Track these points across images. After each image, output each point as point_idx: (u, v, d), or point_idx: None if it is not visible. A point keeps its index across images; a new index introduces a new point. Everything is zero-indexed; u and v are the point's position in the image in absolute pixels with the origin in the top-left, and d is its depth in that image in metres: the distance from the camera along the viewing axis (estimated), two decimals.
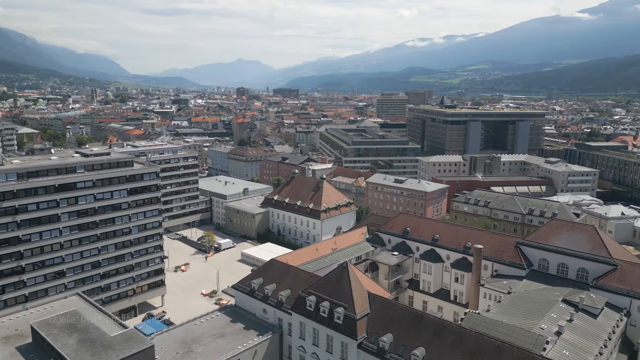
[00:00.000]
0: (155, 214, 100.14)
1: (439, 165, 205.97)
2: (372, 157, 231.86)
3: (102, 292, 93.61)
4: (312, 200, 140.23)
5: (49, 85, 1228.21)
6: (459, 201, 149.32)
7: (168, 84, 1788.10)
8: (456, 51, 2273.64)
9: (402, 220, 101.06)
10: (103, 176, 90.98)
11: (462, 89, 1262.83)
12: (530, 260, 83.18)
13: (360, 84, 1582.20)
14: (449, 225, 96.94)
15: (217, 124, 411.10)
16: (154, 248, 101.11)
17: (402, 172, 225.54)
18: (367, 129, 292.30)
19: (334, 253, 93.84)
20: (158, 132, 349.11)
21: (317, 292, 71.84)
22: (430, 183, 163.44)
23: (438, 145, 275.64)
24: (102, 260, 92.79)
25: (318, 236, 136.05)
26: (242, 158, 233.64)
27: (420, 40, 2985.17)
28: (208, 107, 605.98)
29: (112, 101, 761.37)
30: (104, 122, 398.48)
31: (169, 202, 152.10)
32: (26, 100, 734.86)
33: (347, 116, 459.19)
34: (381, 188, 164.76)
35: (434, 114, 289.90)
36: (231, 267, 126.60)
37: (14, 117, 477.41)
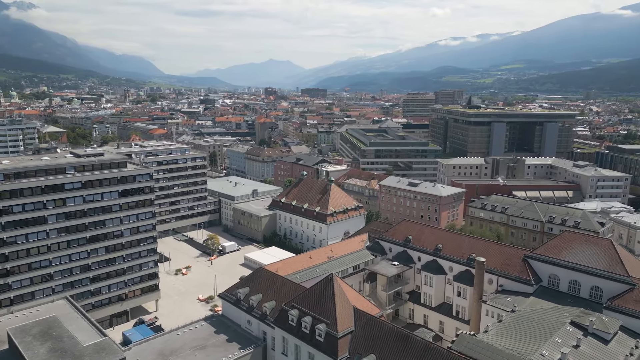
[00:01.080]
0: (149, 217, 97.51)
1: (459, 167, 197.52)
2: (391, 159, 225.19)
3: (92, 296, 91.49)
4: (319, 203, 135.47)
5: (87, 85, 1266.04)
6: (474, 206, 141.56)
7: (201, 84, 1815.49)
8: (490, 50, 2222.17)
9: (404, 228, 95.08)
10: (92, 177, 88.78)
11: (495, 89, 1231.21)
12: (539, 275, 76.01)
13: (391, 83, 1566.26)
14: (453, 235, 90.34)
15: (241, 123, 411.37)
16: (147, 251, 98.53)
17: (421, 175, 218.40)
18: (388, 129, 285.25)
19: (329, 262, 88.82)
20: (181, 131, 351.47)
21: (299, 305, 67.19)
22: (445, 187, 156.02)
23: (460, 147, 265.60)
24: (91, 263, 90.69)
25: (324, 241, 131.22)
26: (258, 158, 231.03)
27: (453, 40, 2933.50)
28: (235, 106, 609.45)
29: (144, 101, 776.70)
30: (130, 121, 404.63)
31: (177, 203, 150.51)
32: (62, 99, 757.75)
33: (371, 116, 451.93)
34: (394, 191, 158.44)
35: (456, 115, 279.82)
36: (233, 271, 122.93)
37: (46, 116, 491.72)
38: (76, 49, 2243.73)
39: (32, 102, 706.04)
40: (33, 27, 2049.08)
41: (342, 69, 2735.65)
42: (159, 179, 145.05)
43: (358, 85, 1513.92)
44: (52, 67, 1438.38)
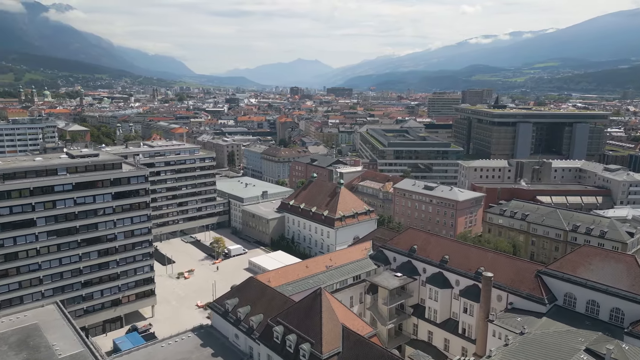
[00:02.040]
0: (144, 220, 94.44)
1: (481, 170, 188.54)
2: (411, 160, 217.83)
3: (83, 301, 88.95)
4: (328, 206, 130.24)
5: (119, 85, 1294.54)
6: (493, 212, 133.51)
7: (230, 83, 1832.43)
8: (523, 48, 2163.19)
9: (409, 236, 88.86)
10: (83, 179, 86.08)
11: (527, 88, 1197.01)
12: (553, 293, 68.78)
13: (419, 82, 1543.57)
14: (461, 246, 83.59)
15: (263, 123, 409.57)
16: (143, 256, 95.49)
17: (442, 177, 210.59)
18: (409, 129, 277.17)
19: (326, 272, 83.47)
20: (202, 130, 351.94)
21: (285, 321, 62.33)
22: (463, 191, 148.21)
23: (484, 149, 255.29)
24: (83, 267, 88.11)
25: (332, 246, 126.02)
26: (275, 159, 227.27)
27: (484, 38, 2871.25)
28: (259, 106, 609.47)
29: (171, 100, 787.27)
30: (153, 120, 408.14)
31: (184, 204, 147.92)
32: (93, 99, 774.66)
33: (396, 116, 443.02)
34: (409, 195, 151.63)
35: (480, 114, 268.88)
36: (236, 276, 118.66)
37: (76, 114, 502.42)
38: (111, 49, 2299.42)
39: (64, 101, 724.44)
40: (70, 29, 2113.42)
41: (370, 68, 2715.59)
42: (167, 180, 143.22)
43: (386, 85, 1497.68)
44: (88, 67, 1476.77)
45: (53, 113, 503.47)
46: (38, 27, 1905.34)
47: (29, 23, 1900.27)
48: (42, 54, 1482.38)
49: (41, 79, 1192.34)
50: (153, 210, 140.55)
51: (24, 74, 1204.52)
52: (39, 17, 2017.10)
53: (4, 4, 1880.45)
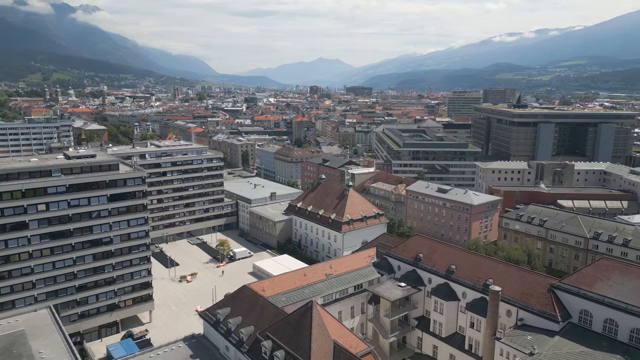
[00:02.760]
0: (141, 223, 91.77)
1: (499, 172, 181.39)
2: (427, 161, 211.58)
3: (78, 306, 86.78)
4: (335, 209, 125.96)
5: (143, 84, 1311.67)
6: (509, 217, 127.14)
7: (251, 83, 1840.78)
8: (549, 46, 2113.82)
9: (415, 244, 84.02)
10: (77, 181, 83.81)
11: (552, 87, 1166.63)
12: (567, 310, 63.31)
13: (441, 81, 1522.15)
14: (469, 255, 78.35)
15: (279, 122, 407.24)
16: (140, 260, 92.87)
17: (458, 179, 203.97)
18: (427, 129, 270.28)
19: (325, 280, 79.32)
20: (217, 130, 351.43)
21: (274, 336, 58.48)
22: (478, 194, 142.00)
23: (503, 150, 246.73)
24: (77, 271, 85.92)
25: (339, 250, 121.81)
26: (287, 159, 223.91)
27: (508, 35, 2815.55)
28: (277, 105, 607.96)
29: (191, 99, 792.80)
30: (171, 119, 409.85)
31: (191, 205, 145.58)
32: (116, 98, 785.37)
33: (414, 115, 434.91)
34: (422, 198, 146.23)
35: (499, 114, 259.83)
36: (240, 281, 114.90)
37: (97, 113, 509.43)
38: (136, 49, 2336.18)
39: (88, 100, 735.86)
40: (97, 30, 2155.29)
41: (392, 66, 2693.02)
42: (173, 180, 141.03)
43: (406, 83, 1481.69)
44: (113, 67, 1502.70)
45: (75, 112, 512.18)
46: (66, 28, 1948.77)
47: (57, 24, 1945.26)
48: (69, 54, 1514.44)
49: (68, 78, 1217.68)
50: (159, 211, 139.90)
51: (51, 74, 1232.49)
52: (66, 18, 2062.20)
53: (34, 6, 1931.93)
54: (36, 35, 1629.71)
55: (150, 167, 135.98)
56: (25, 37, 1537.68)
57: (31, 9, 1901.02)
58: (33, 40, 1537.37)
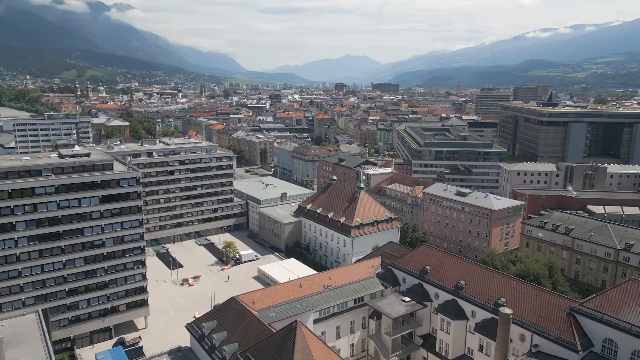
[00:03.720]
0: (136, 225, 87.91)
1: (525, 174, 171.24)
2: (449, 162, 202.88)
3: (68, 311, 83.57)
4: (345, 213, 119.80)
5: (173, 81, 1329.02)
6: (532, 224, 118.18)
7: (279, 80, 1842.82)
8: (585, 42, 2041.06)
9: (422, 255, 77.22)
10: (68, 181, 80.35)
11: (588, 84, 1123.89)
12: (589, 337, 55.68)
13: (471, 78, 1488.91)
14: (481, 270, 71.02)
15: (301, 120, 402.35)
16: (134, 263, 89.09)
17: (482, 180, 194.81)
18: (451, 128, 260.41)
19: (323, 292, 73.48)
20: (238, 127, 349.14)
21: (254, 358, 53.08)
22: (499, 198, 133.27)
23: (531, 150, 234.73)
24: (67, 275, 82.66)
25: (348, 256, 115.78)
26: (304, 157, 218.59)
27: (542, 31, 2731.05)
28: (301, 102, 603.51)
29: (217, 96, 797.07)
30: (193, 116, 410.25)
31: (200, 205, 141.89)
32: (144, 94, 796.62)
33: (440, 113, 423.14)
34: (439, 201, 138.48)
35: (527, 113, 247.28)
36: (243, 285, 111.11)
37: (124, 109, 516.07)
38: (167, 47, 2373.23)
39: (117, 96, 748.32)
40: (130, 27, 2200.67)
41: (420, 63, 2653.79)
42: (181, 179, 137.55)
43: (435, 80, 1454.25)
44: (145, 64, 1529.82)
45: (102, 108, 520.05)
46: (100, 26, 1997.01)
47: (92, 22, 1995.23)
48: (103, 51, 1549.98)
49: (101, 75, 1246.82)
50: (167, 211, 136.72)
51: (86, 71, 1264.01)
52: (101, 17, 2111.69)
53: (70, 4, 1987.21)
54: (72, 33, 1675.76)
55: (157, 166, 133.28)
56: (62, 35, 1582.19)
57: (68, 8, 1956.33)
58: (69, 38, 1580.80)
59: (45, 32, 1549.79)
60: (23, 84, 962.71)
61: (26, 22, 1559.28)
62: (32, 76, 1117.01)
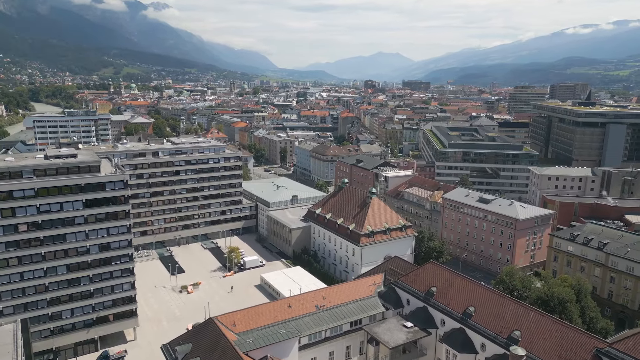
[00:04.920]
0: (123, 231, 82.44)
1: (556, 179, 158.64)
2: (475, 164, 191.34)
3: (50, 321, 78.86)
4: (355, 219, 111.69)
5: (205, 79, 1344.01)
6: (561, 237, 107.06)
7: (309, 77, 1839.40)
8: (629, 38, 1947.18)
9: (428, 274, 68.62)
10: (49, 184, 75.40)
11: (630, 82, 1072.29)
12: None
13: (506, 76, 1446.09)
14: (493, 296, 61.89)
15: (326, 118, 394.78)
16: (121, 272, 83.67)
17: (509, 185, 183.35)
18: (479, 127, 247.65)
19: (315, 313, 65.89)
20: (261, 125, 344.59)
21: None
22: (526, 206, 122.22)
23: (565, 153, 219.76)
24: (49, 283, 77.86)
25: (357, 266, 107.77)
26: (322, 157, 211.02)
27: (582, 27, 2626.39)
28: (328, 100, 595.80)
29: (246, 93, 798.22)
30: (218, 113, 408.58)
31: (207, 207, 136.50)
32: (175, 91, 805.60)
33: (471, 111, 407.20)
34: (460, 207, 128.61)
35: (561, 112, 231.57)
36: (244, 295, 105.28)
37: (152, 107, 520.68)
38: (201, 45, 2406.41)
39: (148, 93, 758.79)
40: (166, 26, 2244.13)
41: (454, 60, 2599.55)
42: (187, 180, 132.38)
43: (468, 78, 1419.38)
44: (179, 61, 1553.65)
45: (131, 105, 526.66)
46: (137, 25, 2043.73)
47: (130, 21, 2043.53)
48: (139, 49, 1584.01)
49: (137, 72, 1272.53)
50: (172, 212, 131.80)
51: (122, 68, 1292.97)
52: (138, 15, 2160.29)
53: (110, 3, 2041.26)
54: (110, 31, 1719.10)
55: (163, 166, 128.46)
56: (101, 34, 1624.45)
57: (107, 7, 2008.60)
58: (107, 36, 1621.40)
59: (85, 30, 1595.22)
60: (62, 81, 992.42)
61: (67, 21, 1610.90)
62: (72, 73, 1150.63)
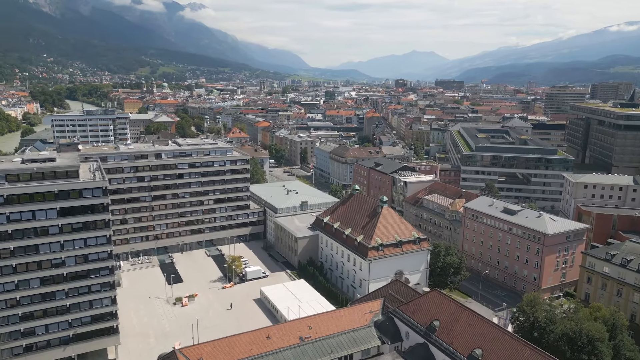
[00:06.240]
0: (102, 242, 76.12)
1: (594, 187, 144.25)
2: (503, 169, 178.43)
3: (23, 338, 73.27)
4: (364, 230, 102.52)
5: (238, 78, 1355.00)
6: (595, 256, 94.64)
7: (341, 76, 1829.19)
8: None
9: (431, 305, 59.05)
10: (19, 191, 69.68)
11: None
12: None
13: (545, 75, 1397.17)
14: (504, 337, 51.76)
15: (351, 117, 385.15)
16: (101, 286, 77.39)
17: (541, 192, 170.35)
18: (511, 129, 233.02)
19: (299, 346, 57.42)
20: (284, 124, 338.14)
21: None
22: (557, 219, 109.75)
23: (604, 158, 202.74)
24: (21, 297, 72.25)
25: (364, 282, 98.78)
26: (341, 159, 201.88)
27: (628, 24, 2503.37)
28: (357, 99, 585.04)
29: (275, 92, 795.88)
30: (243, 112, 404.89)
31: (212, 211, 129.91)
32: (205, 90, 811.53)
33: (504, 112, 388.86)
34: (482, 218, 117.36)
35: (601, 114, 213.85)
36: (242, 309, 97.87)
37: (180, 105, 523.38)
38: (235, 44, 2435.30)
39: (180, 92, 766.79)
40: (202, 26, 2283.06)
41: (490, 59, 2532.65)
42: (191, 183, 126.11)
43: (504, 77, 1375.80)
44: (214, 61, 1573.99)
45: (160, 104, 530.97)
46: (174, 25, 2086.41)
47: (167, 21, 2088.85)
48: (175, 49, 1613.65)
49: (172, 71, 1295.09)
50: (175, 217, 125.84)
51: (158, 67, 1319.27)
52: (175, 16, 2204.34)
53: (149, 4, 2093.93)
54: (148, 32, 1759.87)
55: (165, 168, 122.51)
56: (139, 34, 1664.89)
57: (146, 8, 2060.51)
58: (145, 36, 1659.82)
59: (124, 31, 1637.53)
60: (100, 80, 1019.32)
61: (108, 22, 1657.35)
62: (110, 72, 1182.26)
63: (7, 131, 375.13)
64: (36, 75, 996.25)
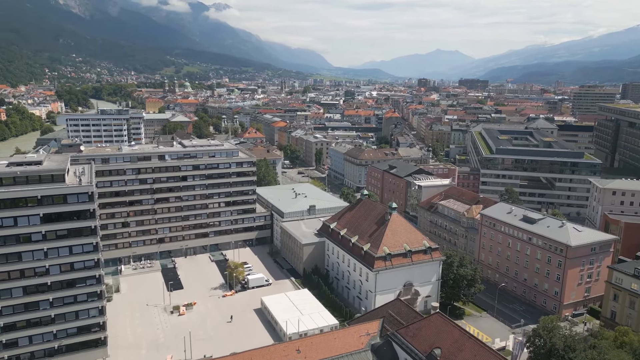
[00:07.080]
0: (89, 250, 72.47)
1: (623, 194, 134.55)
2: (526, 172, 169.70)
3: (4, 349, 70.13)
4: (371, 238, 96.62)
5: (261, 77, 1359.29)
6: (622, 271, 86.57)
7: (364, 75, 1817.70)
8: None
9: (434, 329, 52.98)
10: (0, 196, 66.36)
11: None
12: None
13: (574, 74, 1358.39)
14: None
15: (370, 118, 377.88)
16: (87, 296, 73.74)
17: (566, 197, 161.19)
18: (535, 131, 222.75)
19: None
20: (300, 125, 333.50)
21: None
22: (581, 229, 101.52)
23: (635, 163, 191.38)
24: (3, 307, 69.05)
25: (371, 294, 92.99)
26: (356, 161, 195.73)
27: None
28: (377, 99, 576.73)
29: (295, 92, 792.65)
30: (261, 112, 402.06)
31: (216, 215, 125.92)
32: (226, 90, 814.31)
33: (529, 112, 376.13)
34: (499, 226, 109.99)
35: (632, 116, 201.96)
36: (241, 320, 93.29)
37: (200, 105, 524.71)
38: (259, 44, 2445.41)
39: (201, 91, 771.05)
40: (226, 26, 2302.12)
41: (517, 58, 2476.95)
42: (195, 186, 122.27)
43: (531, 76, 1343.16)
44: (237, 60, 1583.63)
45: (180, 103, 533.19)
46: (199, 25, 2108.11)
47: (192, 21, 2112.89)
48: (200, 49, 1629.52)
49: (196, 71, 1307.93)
50: (178, 221, 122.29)
51: (182, 67, 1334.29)
52: (200, 16, 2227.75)
53: (174, 5, 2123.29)
54: (174, 32, 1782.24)
55: (169, 170, 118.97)
56: (165, 34, 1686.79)
57: (171, 8, 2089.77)
58: (171, 36, 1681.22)
59: (150, 31, 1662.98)
60: (126, 79, 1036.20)
61: (135, 23, 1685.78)
62: (136, 72, 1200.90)
63: (30, 130, 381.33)
64: (65, 75, 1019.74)
